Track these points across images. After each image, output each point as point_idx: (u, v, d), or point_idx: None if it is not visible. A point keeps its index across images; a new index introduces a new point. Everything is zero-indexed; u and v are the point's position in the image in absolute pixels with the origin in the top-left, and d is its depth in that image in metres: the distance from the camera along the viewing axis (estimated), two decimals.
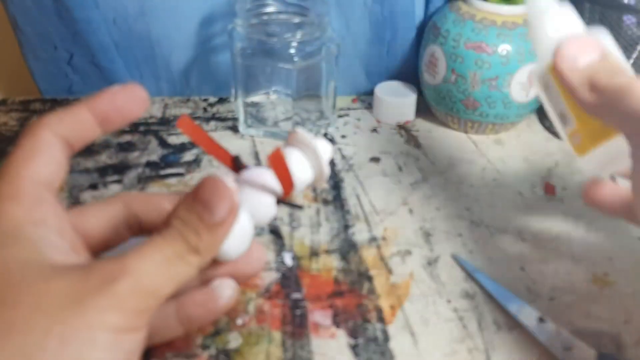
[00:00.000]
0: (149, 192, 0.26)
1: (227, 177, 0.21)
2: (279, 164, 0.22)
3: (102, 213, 0.24)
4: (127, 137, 0.51)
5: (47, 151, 0.20)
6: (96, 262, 0.19)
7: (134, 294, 0.18)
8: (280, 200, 0.23)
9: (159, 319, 0.23)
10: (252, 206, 0.22)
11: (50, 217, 0.20)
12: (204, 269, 0.21)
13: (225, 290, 0.23)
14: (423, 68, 0.53)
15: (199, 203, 0.20)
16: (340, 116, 0.55)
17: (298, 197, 0.43)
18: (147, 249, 0.19)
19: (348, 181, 0.46)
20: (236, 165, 0.23)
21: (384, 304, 0.34)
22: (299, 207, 0.26)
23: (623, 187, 0.27)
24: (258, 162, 0.49)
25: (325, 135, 0.52)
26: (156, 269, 0.18)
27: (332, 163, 0.47)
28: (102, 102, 0.21)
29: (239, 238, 0.22)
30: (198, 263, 0.20)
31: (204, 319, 0.24)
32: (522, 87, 0.48)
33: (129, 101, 0.22)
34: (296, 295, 0.34)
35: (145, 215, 0.24)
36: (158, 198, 0.25)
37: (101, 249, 0.24)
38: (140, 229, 0.25)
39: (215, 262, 0.22)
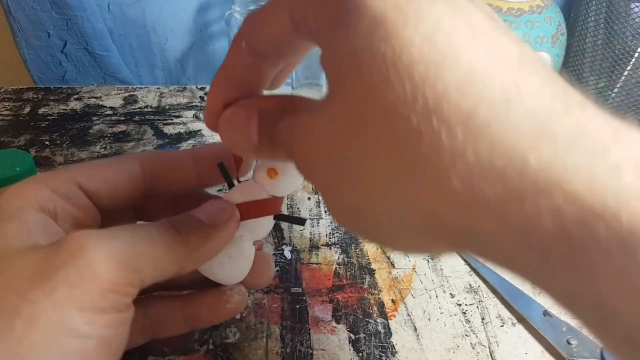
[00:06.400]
0: (166, 150, 0.24)
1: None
2: (247, 213, 0.21)
3: (117, 172, 0.21)
4: (122, 127, 0.50)
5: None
6: (72, 232, 0.17)
7: (110, 264, 0.16)
8: (279, 217, 0.22)
9: (164, 314, 0.22)
10: (248, 226, 0.22)
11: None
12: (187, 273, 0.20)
13: (234, 295, 0.23)
14: None
15: (197, 211, 0.20)
16: None
17: (299, 194, 0.42)
18: (130, 226, 0.18)
19: None
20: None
21: (386, 298, 0.33)
22: (302, 222, 0.23)
23: None
24: None
25: None
26: (138, 242, 0.17)
27: None
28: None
29: (238, 266, 0.22)
30: (181, 257, 0.18)
31: (210, 320, 0.24)
32: None
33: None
34: (296, 289, 0.33)
35: (161, 175, 0.22)
36: (176, 155, 0.23)
37: (113, 209, 0.22)
38: (155, 192, 0.23)
39: None
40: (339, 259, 0.36)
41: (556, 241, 0.10)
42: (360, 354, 0.30)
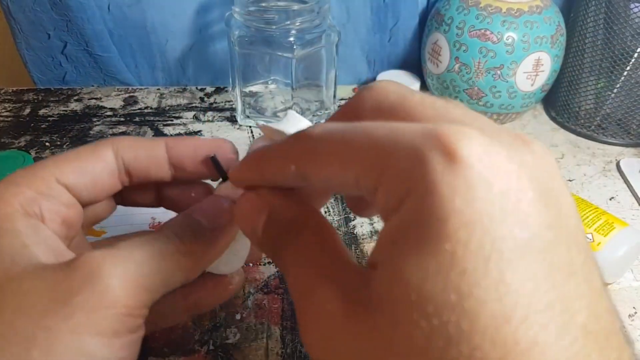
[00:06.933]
0: (141, 137, 0.24)
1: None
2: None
3: (93, 162, 0.20)
4: (122, 128, 0.50)
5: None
6: (81, 254, 0.17)
7: (125, 289, 0.16)
8: None
9: (165, 305, 0.22)
10: None
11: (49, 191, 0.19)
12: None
13: (235, 276, 0.23)
14: (426, 56, 0.51)
15: (198, 212, 0.19)
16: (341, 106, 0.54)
17: None
18: (137, 239, 0.18)
19: None
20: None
21: None
22: None
23: None
24: None
25: None
26: (148, 261, 0.17)
27: None
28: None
29: (240, 259, 0.22)
30: (189, 268, 0.19)
31: (212, 304, 0.24)
32: (527, 76, 0.47)
33: None
34: None
35: (135, 162, 0.21)
36: (150, 143, 0.22)
37: (93, 201, 0.21)
38: (131, 179, 0.22)
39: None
40: None
41: None
42: None
